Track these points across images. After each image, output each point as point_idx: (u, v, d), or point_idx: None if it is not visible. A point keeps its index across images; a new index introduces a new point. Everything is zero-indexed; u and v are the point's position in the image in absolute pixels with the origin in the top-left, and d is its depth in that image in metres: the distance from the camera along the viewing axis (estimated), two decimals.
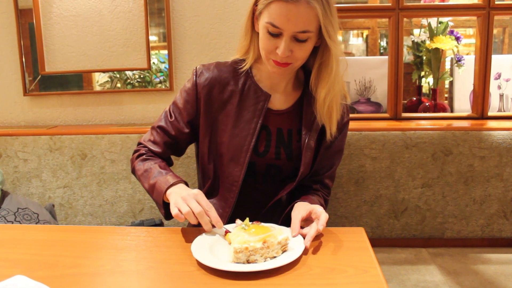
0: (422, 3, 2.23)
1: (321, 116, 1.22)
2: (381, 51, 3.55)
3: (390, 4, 1.98)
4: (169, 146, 1.28)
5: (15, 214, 1.70)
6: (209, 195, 1.31)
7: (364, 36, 3.72)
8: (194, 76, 1.26)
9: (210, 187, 1.30)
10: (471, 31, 3.39)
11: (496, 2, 1.96)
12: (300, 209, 1.10)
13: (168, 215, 1.15)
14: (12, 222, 1.66)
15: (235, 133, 1.22)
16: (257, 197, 1.28)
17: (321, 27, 1.09)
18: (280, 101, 1.26)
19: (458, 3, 2.02)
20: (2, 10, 2.03)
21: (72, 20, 2.03)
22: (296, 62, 1.14)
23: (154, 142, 1.28)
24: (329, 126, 1.22)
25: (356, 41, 3.90)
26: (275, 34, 1.09)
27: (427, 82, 2.62)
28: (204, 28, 2.02)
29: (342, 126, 1.29)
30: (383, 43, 3.57)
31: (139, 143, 1.32)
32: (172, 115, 1.28)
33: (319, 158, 1.27)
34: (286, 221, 1.12)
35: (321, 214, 1.03)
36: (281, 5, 1.06)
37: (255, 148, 1.23)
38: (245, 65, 1.25)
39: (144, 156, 1.27)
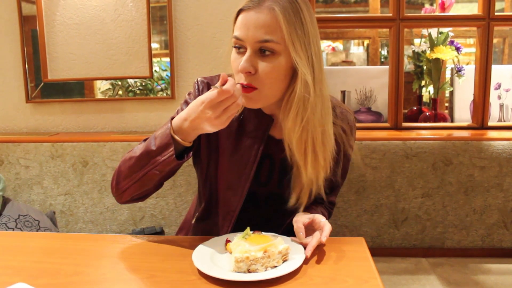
0: (422, 13, 2.25)
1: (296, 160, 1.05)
2: (382, 60, 3.57)
3: (391, 15, 2.00)
4: None
5: (16, 221, 1.70)
6: (203, 219, 1.22)
7: (365, 45, 3.74)
8: (197, 91, 1.15)
9: (204, 210, 1.20)
10: (471, 40, 3.41)
11: (496, 13, 1.97)
12: (301, 216, 1.07)
13: (180, 155, 1.01)
14: (13, 229, 1.66)
15: (233, 159, 1.11)
16: (259, 222, 1.12)
17: (285, 37, 0.96)
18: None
19: (459, 14, 2.05)
20: (6, 17, 2.05)
21: (75, 28, 2.04)
22: (262, 86, 0.99)
23: None
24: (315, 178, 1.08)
25: (357, 50, 3.92)
26: (239, 47, 1.00)
27: (428, 92, 2.63)
28: (206, 37, 2.04)
29: (346, 151, 1.20)
30: (384, 52, 3.59)
31: None
32: None
33: (325, 184, 1.14)
34: (287, 231, 1.11)
35: (325, 225, 1.01)
36: (243, 14, 0.98)
37: (256, 177, 1.13)
38: None
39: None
